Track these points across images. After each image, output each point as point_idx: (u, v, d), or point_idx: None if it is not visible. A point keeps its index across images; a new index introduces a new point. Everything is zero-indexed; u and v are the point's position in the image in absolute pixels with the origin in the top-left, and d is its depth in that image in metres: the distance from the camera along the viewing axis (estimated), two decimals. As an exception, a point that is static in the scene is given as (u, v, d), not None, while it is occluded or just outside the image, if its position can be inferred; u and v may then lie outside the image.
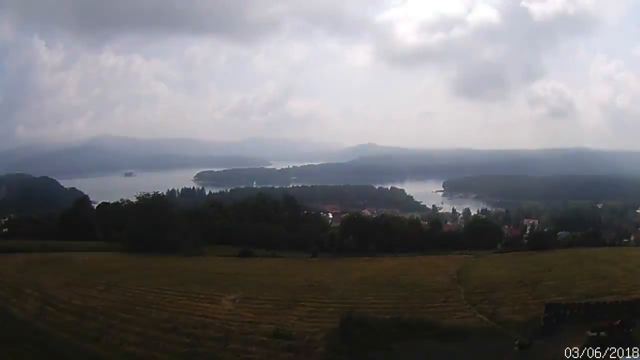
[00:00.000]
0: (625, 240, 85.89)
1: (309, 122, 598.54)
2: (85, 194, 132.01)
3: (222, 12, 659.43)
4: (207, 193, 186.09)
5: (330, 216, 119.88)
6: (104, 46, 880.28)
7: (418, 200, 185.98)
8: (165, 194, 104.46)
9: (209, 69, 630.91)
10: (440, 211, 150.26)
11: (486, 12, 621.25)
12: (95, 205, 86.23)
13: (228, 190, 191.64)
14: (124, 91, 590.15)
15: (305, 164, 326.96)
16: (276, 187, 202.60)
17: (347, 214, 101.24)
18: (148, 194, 64.10)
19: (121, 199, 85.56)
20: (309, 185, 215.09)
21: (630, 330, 15.17)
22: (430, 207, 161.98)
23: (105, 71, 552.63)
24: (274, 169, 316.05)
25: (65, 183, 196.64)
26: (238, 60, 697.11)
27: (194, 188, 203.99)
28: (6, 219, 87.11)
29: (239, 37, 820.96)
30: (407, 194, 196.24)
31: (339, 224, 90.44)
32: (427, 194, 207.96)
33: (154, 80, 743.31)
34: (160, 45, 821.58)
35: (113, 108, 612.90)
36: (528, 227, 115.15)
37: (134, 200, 67.84)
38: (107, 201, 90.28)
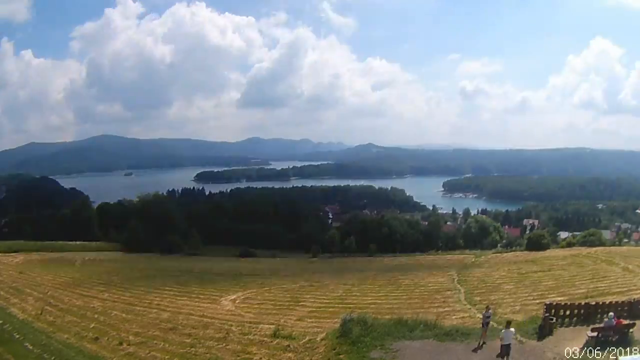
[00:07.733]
0: (626, 240, 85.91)
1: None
2: (85, 194, 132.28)
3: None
4: (207, 193, 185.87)
5: (330, 216, 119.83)
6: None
7: (418, 200, 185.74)
8: (165, 194, 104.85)
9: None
10: (440, 211, 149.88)
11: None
12: (95, 205, 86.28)
13: (228, 190, 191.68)
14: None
15: (305, 164, 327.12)
16: (276, 187, 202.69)
17: (347, 214, 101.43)
18: (148, 194, 64.36)
19: (122, 199, 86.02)
20: (309, 185, 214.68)
21: (631, 330, 15.16)
22: (430, 207, 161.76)
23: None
24: (274, 169, 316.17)
25: (65, 183, 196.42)
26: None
27: (194, 188, 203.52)
28: (6, 219, 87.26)
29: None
30: (407, 194, 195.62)
31: (339, 224, 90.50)
32: (427, 194, 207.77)
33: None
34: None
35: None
36: (528, 227, 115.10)
37: (134, 200, 68.19)
38: (107, 201, 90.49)
